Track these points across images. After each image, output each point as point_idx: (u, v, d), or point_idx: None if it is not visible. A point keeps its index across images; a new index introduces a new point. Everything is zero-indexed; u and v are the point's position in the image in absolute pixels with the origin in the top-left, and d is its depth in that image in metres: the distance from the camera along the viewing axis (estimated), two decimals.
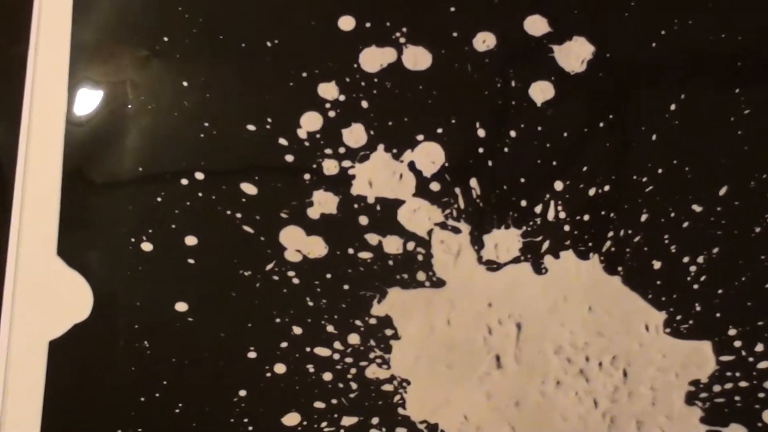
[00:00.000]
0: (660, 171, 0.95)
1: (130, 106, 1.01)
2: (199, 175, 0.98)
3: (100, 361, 0.99)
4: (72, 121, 1.01)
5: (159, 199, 0.98)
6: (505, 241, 0.97)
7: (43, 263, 0.98)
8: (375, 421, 0.97)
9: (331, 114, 0.98)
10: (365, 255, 0.97)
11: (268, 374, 0.97)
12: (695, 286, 0.94)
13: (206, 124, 0.98)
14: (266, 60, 1.00)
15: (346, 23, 1.01)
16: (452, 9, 1.01)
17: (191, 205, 0.98)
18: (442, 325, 0.97)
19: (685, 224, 0.94)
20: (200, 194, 0.98)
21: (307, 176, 0.97)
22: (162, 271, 0.98)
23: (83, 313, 0.98)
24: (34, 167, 1.01)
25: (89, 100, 1.02)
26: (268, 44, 1.01)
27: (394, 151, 0.98)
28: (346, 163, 0.98)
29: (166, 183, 0.99)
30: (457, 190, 0.96)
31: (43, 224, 0.99)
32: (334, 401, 0.96)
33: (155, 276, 0.98)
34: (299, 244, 0.98)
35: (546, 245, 0.97)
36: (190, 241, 0.98)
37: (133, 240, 0.98)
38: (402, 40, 1.00)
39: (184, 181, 0.98)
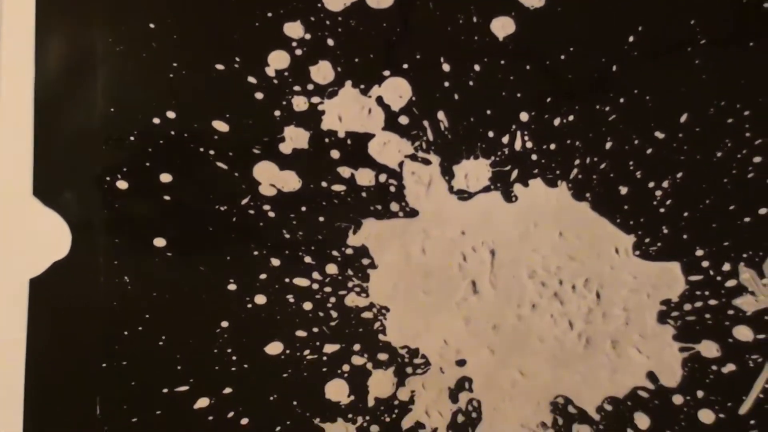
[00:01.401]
0: (622, 100, 0.93)
1: (99, 48, 0.98)
2: (171, 114, 0.95)
3: (82, 298, 0.97)
4: (43, 65, 0.98)
5: (132, 138, 0.96)
6: (474, 171, 0.96)
7: (20, 204, 0.96)
8: (357, 347, 0.95)
9: (298, 52, 0.96)
10: (339, 188, 0.95)
11: (249, 305, 0.95)
12: (661, 210, 0.93)
13: (175, 65, 0.96)
14: (232, 1, 0.98)
15: None
16: None
17: (164, 144, 0.96)
18: (418, 253, 0.96)
19: (649, 151, 0.92)
20: (172, 132, 0.96)
21: (277, 113, 0.95)
22: (138, 208, 0.96)
23: (62, 251, 0.96)
24: (6, 111, 0.99)
25: (59, 44, 0.99)
26: None
27: (362, 86, 0.96)
28: (315, 100, 0.96)
29: (138, 122, 0.96)
30: (426, 123, 0.95)
31: (18, 165, 0.97)
32: (315, 330, 0.95)
33: (132, 213, 0.96)
34: (273, 178, 0.96)
35: (515, 174, 0.95)
36: (165, 178, 0.96)
37: (108, 179, 0.96)
38: None
39: (156, 120, 0.95)
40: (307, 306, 0.94)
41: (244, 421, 0.93)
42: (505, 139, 0.93)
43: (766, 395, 0.89)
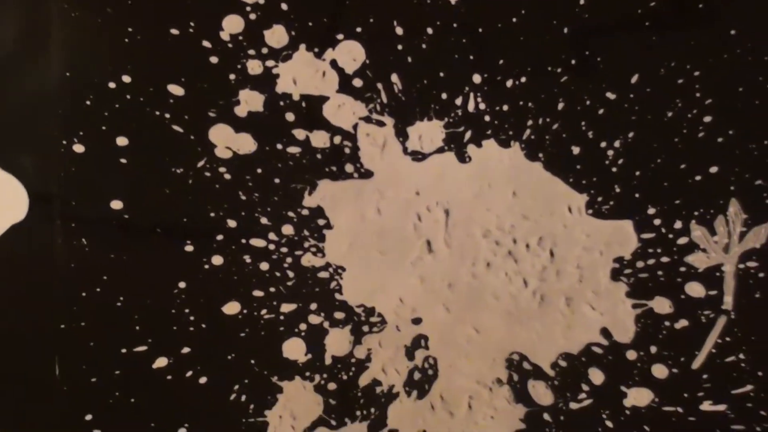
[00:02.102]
0: (573, 62, 0.93)
1: (54, 14, 0.97)
2: (126, 79, 0.95)
3: (40, 259, 0.96)
4: None
5: (88, 102, 0.95)
6: (428, 132, 0.95)
7: None
8: (313, 306, 0.94)
9: (252, 17, 0.94)
10: (294, 149, 0.94)
11: (206, 266, 0.94)
12: (614, 169, 0.92)
13: (130, 29, 0.95)
14: None
15: None
16: None
17: (120, 107, 0.95)
18: (373, 213, 0.95)
19: (601, 111, 0.92)
20: (128, 96, 0.95)
21: (232, 76, 0.94)
22: (95, 171, 0.95)
23: (20, 214, 0.95)
24: None
25: (14, 10, 0.98)
26: None
27: (316, 50, 0.95)
28: (270, 63, 0.95)
29: (94, 87, 0.95)
30: (380, 86, 0.94)
31: None
32: (272, 289, 0.94)
33: (89, 176, 0.95)
34: (229, 141, 0.95)
35: (468, 135, 0.94)
36: (121, 141, 0.95)
37: (64, 142, 0.95)
38: None
39: (112, 85, 0.94)
40: (264, 266, 0.93)
41: (203, 380, 0.92)
42: (459, 101, 0.92)
43: (718, 350, 0.88)
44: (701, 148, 0.92)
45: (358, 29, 0.95)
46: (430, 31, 0.95)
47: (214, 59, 0.94)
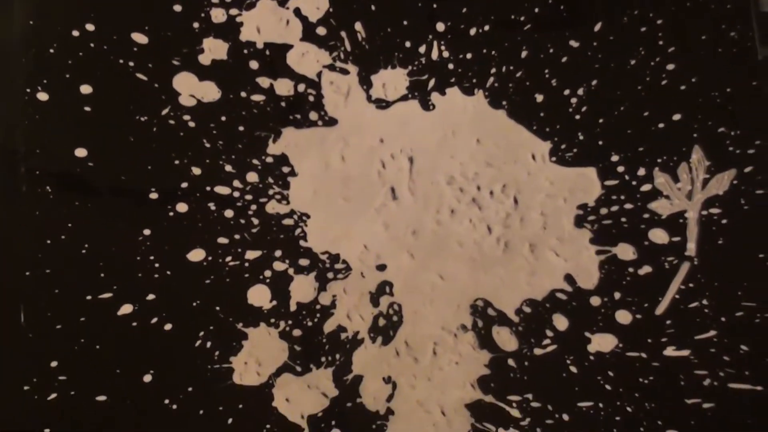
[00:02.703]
0: (537, 10, 0.92)
1: None
2: (90, 27, 0.93)
3: (4, 207, 0.94)
4: None
5: (51, 51, 0.94)
6: (392, 80, 0.94)
7: None
8: (278, 253, 0.93)
9: None
10: (258, 97, 0.93)
11: (171, 213, 0.93)
12: (577, 117, 0.91)
13: None
14: None
15: None
16: None
17: (84, 56, 0.93)
18: (337, 161, 0.94)
19: (564, 59, 0.91)
20: (92, 45, 0.93)
21: (196, 25, 0.93)
22: (59, 120, 0.94)
23: None
24: None
25: None
26: None
27: None
28: (234, 11, 0.94)
29: (57, 35, 0.94)
30: (343, 34, 0.93)
31: None
32: (237, 236, 0.93)
33: (53, 124, 0.94)
34: (193, 89, 0.94)
35: (432, 83, 0.93)
36: (86, 89, 0.93)
37: (28, 90, 0.94)
38: None
39: (76, 33, 0.93)
40: (229, 213, 0.92)
41: (168, 326, 0.91)
42: (422, 49, 0.91)
43: (681, 296, 0.87)
44: (664, 95, 0.91)
45: None
46: None
47: (177, 7, 0.93)
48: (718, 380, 0.88)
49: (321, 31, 0.92)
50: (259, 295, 0.93)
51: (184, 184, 0.93)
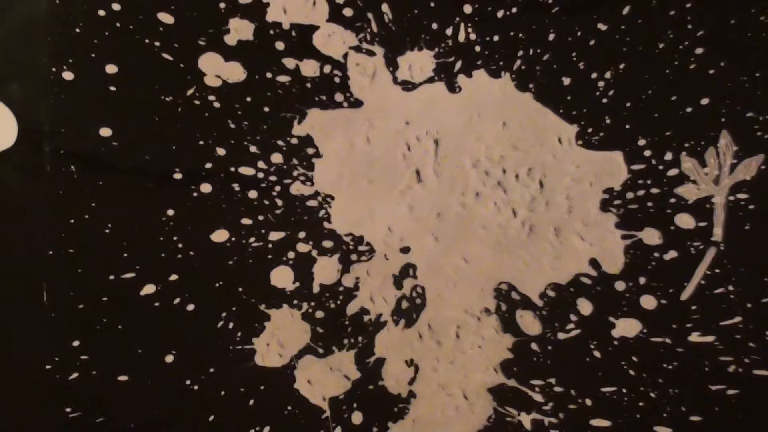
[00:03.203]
0: None
1: None
2: (116, 6, 0.95)
3: (29, 186, 0.96)
4: None
5: (77, 30, 0.95)
6: (418, 62, 0.95)
7: None
8: (302, 235, 0.94)
9: None
10: (283, 78, 0.95)
11: (195, 194, 0.94)
12: (604, 100, 0.92)
13: None
14: None
15: None
16: None
17: (110, 35, 0.95)
18: (362, 143, 0.95)
19: (592, 42, 0.92)
20: (118, 24, 0.95)
21: (222, 5, 0.94)
22: (84, 99, 0.95)
23: (9, 140, 0.96)
24: None
25: None
26: None
27: None
28: None
29: (83, 14, 0.95)
30: (370, 15, 0.94)
31: None
32: (260, 218, 0.94)
33: (78, 103, 0.95)
34: (218, 69, 0.95)
35: (458, 65, 0.94)
36: (111, 69, 0.95)
37: (54, 69, 0.95)
38: None
39: (102, 12, 0.94)
40: (253, 194, 0.93)
41: (190, 307, 0.92)
42: (449, 31, 0.91)
43: (707, 281, 0.88)
44: (693, 79, 0.91)
45: None
46: None
47: None
48: (742, 367, 0.89)
49: (347, 12, 0.94)
50: (283, 277, 0.94)
51: (209, 165, 0.94)
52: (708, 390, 0.87)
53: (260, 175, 0.93)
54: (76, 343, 0.91)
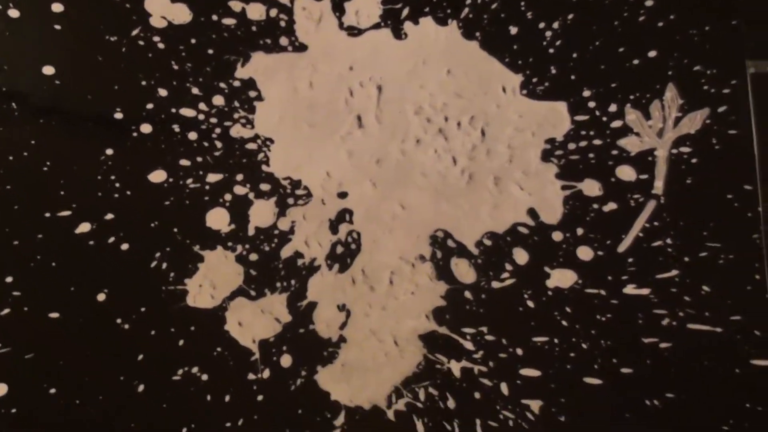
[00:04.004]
0: None
1: None
2: None
3: None
4: None
5: None
6: (365, 8, 0.97)
7: None
8: (239, 177, 0.97)
9: None
10: (229, 21, 0.98)
11: (135, 134, 0.97)
12: (551, 51, 0.94)
13: None
14: None
15: None
16: None
17: None
18: (305, 87, 0.97)
19: None
20: None
21: None
22: (29, 37, 0.99)
23: None
24: None
25: None
26: None
27: None
28: None
29: None
30: None
31: None
32: (199, 159, 0.97)
33: (23, 41, 0.99)
34: (164, 10, 0.98)
35: (405, 12, 0.97)
36: (57, 8, 0.97)
37: (0, 7, 0.98)
38: None
39: None
40: (192, 136, 0.95)
41: (125, 246, 0.94)
42: None
43: (645, 234, 0.90)
44: (641, 31, 0.93)
45: None
46: None
47: None
48: (677, 320, 0.90)
49: None
50: (218, 219, 0.96)
51: (150, 106, 0.96)
52: (640, 343, 0.88)
53: (201, 117, 0.95)
54: (9, 279, 0.93)
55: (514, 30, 0.91)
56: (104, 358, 0.93)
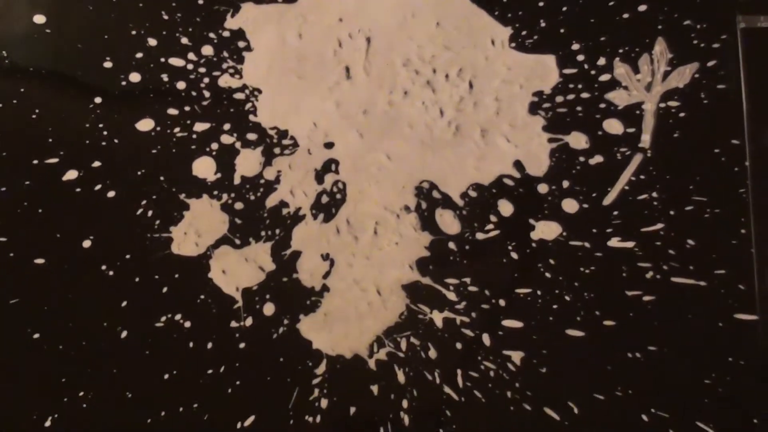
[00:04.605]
0: None
1: None
2: None
3: None
4: None
5: None
6: None
7: None
8: (227, 127, 0.99)
9: None
10: None
11: (123, 83, 1.00)
12: (540, 3, 0.96)
13: None
14: None
15: None
16: None
17: None
18: (294, 38, 0.99)
19: None
20: None
21: None
22: None
23: None
24: None
25: None
26: None
27: None
28: None
29: None
30: None
31: None
32: (187, 108, 0.99)
33: None
34: None
35: None
36: None
37: None
38: None
39: None
40: (181, 85, 0.97)
41: (111, 194, 0.97)
42: None
43: (631, 187, 0.91)
44: None
45: None
46: None
47: None
48: (661, 273, 0.91)
49: None
50: (205, 167, 0.98)
51: (139, 54, 0.99)
52: (624, 295, 0.89)
53: (190, 66, 0.97)
54: None
55: None
56: (88, 305, 0.94)
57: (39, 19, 0.94)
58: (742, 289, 0.86)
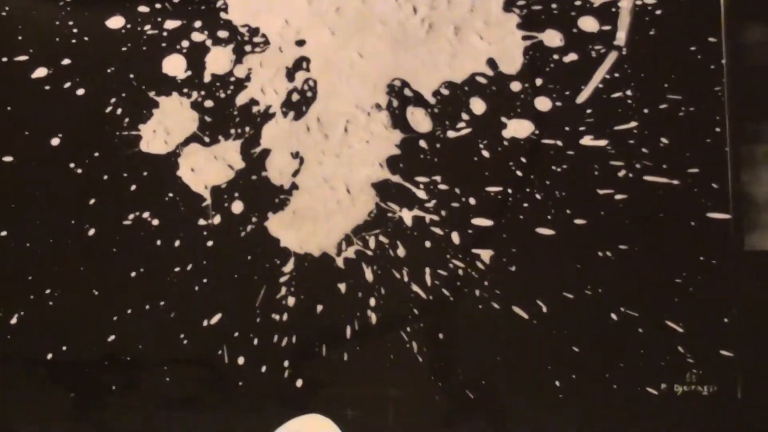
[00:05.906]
0: None
1: None
2: None
3: None
4: None
5: None
6: None
7: None
8: (197, 24, 1.02)
9: None
10: None
11: None
12: None
13: None
14: None
15: None
16: None
17: None
18: None
19: None
20: None
21: None
22: None
23: None
24: None
25: None
26: None
27: None
28: None
29: None
30: None
31: None
32: (157, 6, 1.01)
33: None
34: None
35: None
36: None
37: None
38: None
39: None
40: None
41: (80, 91, 0.99)
42: None
43: (605, 85, 0.93)
44: None
45: None
46: None
47: None
48: (633, 172, 0.93)
49: None
50: (175, 65, 1.01)
51: None
52: (595, 194, 0.91)
53: None
54: None
55: None
56: (56, 202, 0.97)
57: None
58: (716, 188, 0.88)
